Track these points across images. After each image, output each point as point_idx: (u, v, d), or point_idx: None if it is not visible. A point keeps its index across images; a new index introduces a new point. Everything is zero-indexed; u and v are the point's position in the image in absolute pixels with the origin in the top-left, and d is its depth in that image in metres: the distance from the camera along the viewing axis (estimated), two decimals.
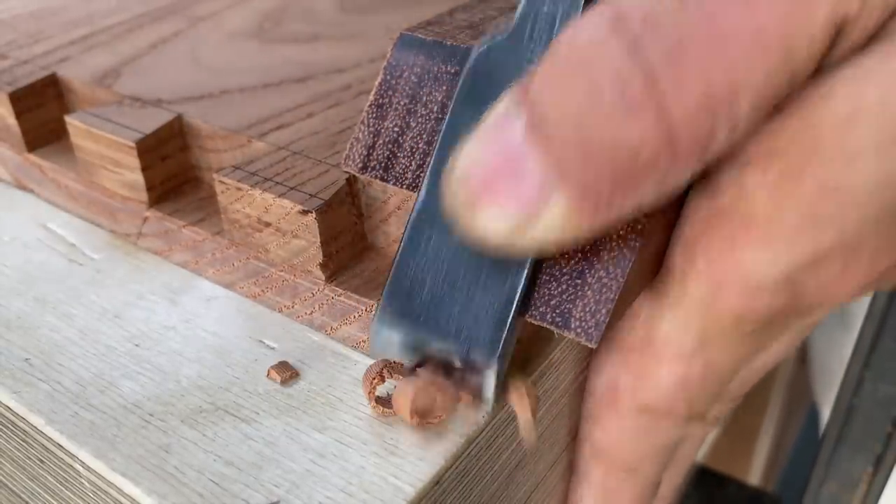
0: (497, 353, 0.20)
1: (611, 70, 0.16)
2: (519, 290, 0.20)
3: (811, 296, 0.20)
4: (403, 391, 0.20)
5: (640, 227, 0.20)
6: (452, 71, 0.22)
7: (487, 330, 0.20)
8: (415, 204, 0.21)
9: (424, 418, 0.20)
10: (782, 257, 0.19)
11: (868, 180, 0.18)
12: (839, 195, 0.18)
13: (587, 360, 0.25)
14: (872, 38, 0.17)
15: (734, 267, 0.20)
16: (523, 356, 0.23)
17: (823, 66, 0.18)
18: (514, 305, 0.20)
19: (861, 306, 0.50)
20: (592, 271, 0.20)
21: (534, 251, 0.18)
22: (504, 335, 0.20)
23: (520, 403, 0.20)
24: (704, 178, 0.20)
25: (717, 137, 0.17)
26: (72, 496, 0.23)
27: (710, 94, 0.16)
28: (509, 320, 0.20)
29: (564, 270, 0.20)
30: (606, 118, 0.16)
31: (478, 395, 0.20)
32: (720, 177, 0.19)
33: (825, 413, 0.58)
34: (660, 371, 0.22)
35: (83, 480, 0.21)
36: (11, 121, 0.31)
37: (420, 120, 0.22)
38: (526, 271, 0.20)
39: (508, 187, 0.17)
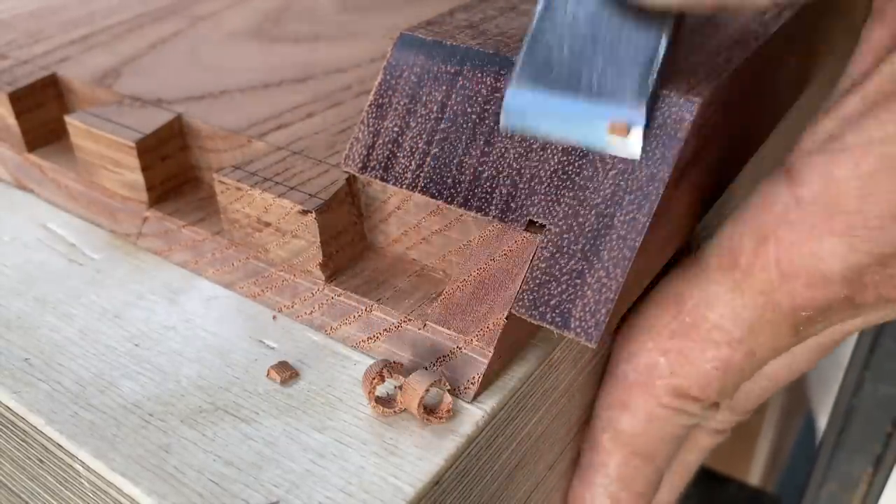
0: (645, 100, 0.20)
1: None
2: (663, 45, 0.20)
3: (870, 292, 0.20)
4: (414, 386, 0.20)
5: (640, 225, 0.20)
6: (452, 71, 0.22)
7: (633, 80, 0.20)
8: None
9: (432, 414, 0.20)
10: (859, 250, 0.19)
11: None
12: None
13: (589, 358, 0.25)
14: None
15: (808, 257, 0.20)
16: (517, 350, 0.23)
17: None
18: (660, 58, 0.20)
19: None
20: (592, 271, 0.20)
21: (674, 9, 0.19)
22: (650, 85, 0.20)
23: None
24: (785, 168, 0.21)
25: None
26: (72, 496, 0.23)
27: None
28: (654, 71, 0.20)
29: (564, 270, 0.20)
30: None
31: (624, 152, 0.20)
32: (805, 166, 0.20)
33: (822, 421, 0.59)
34: (703, 356, 0.23)
35: (83, 480, 0.21)
36: (11, 121, 0.31)
37: (420, 120, 0.22)
38: (669, 28, 0.20)
39: None
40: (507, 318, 0.21)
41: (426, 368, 0.21)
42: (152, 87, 0.31)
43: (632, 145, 0.20)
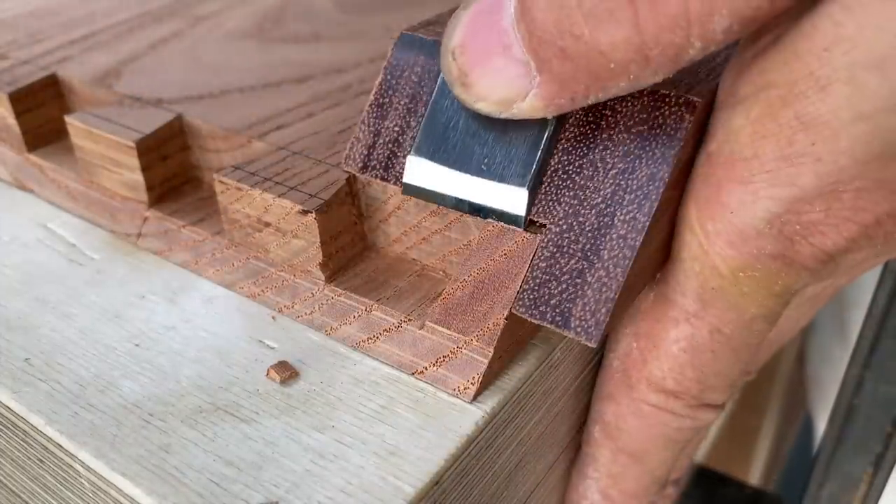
0: (526, 182, 0.20)
1: None
2: (549, 127, 0.21)
3: (800, 243, 0.20)
4: None
5: (640, 225, 0.20)
6: None
7: (519, 165, 0.21)
8: None
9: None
10: (762, 198, 0.19)
11: (839, 111, 0.18)
12: (813, 128, 0.18)
13: (589, 358, 0.25)
14: None
15: (721, 212, 0.20)
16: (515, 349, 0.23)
17: None
18: (544, 141, 0.20)
19: (859, 313, 0.50)
20: (592, 271, 0.20)
21: (526, 117, 0.20)
22: (533, 168, 0.20)
23: None
24: (707, 132, 0.20)
25: (688, 52, 0.17)
26: (71, 496, 0.23)
27: (684, 13, 0.17)
28: (538, 154, 0.20)
29: (565, 270, 0.20)
30: (585, 19, 0.17)
31: (505, 219, 0.21)
32: (713, 123, 0.20)
33: (820, 422, 0.59)
34: (667, 336, 0.22)
35: (83, 480, 0.21)
36: (11, 121, 0.31)
37: (421, 119, 0.22)
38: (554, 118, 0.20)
39: (497, 68, 0.19)
40: (507, 318, 0.21)
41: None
42: (152, 87, 0.31)
43: (517, 209, 0.21)
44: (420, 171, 0.22)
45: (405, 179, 0.22)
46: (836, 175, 0.18)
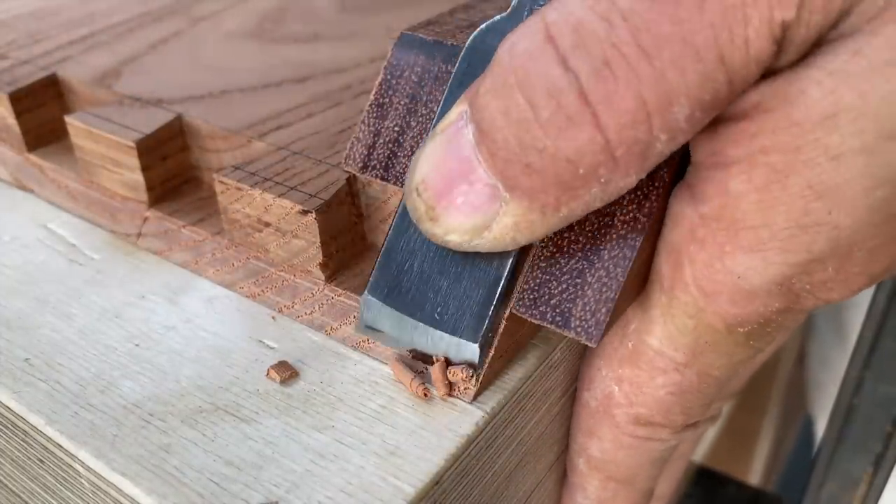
0: (478, 338, 0.20)
1: (545, 84, 0.17)
2: (503, 280, 0.20)
3: (807, 298, 0.20)
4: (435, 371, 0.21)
5: (640, 225, 0.20)
6: (453, 70, 0.22)
7: (471, 317, 0.20)
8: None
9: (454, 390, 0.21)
10: (774, 263, 0.19)
11: (856, 181, 0.17)
12: (829, 197, 0.18)
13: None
14: (828, 39, 0.17)
15: (724, 275, 0.19)
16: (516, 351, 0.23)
17: (778, 68, 0.17)
18: (498, 294, 0.20)
19: (858, 313, 0.50)
20: (592, 271, 0.20)
21: (497, 249, 0.19)
22: (486, 322, 0.20)
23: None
24: (687, 185, 0.20)
25: (655, 146, 0.17)
26: (71, 496, 0.23)
27: (642, 106, 0.16)
28: (491, 308, 0.20)
29: (564, 270, 0.20)
30: (544, 130, 0.17)
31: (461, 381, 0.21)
32: (704, 183, 0.19)
33: (820, 422, 0.59)
34: (654, 383, 0.22)
35: (83, 480, 0.21)
36: (11, 121, 0.31)
37: (421, 119, 0.22)
38: (510, 261, 0.20)
39: (463, 195, 0.18)
40: (507, 318, 0.21)
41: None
42: (152, 87, 0.31)
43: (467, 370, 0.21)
44: (375, 312, 0.22)
45: (361, 321, 0.22)
46: (852, 239, 0.18)
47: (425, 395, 0.21)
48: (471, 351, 0.21)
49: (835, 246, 0.18)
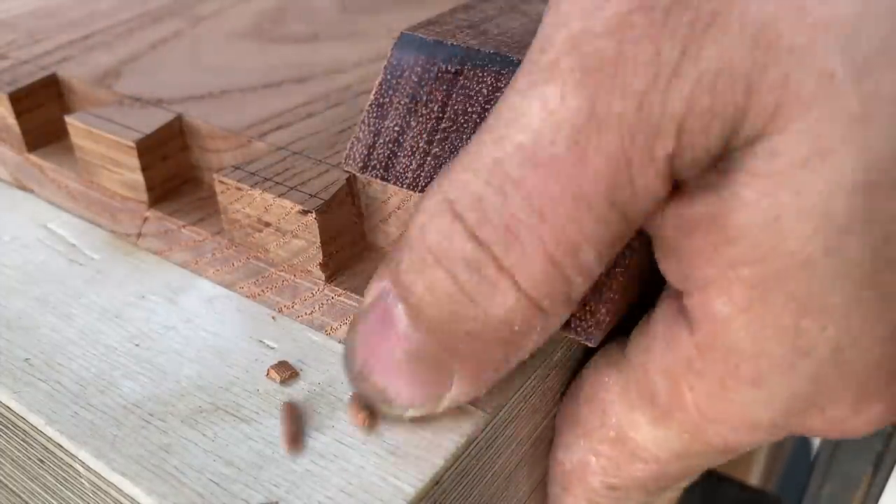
0: None
1: (462, 258, 0.17)
2: None
3: (815, 424, 0.19)
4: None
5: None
6: (453, 70, 0.22)
7: None
8: None
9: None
10: (779, 396, 0.18)
11: (835, 283, 0.16)
12: (816, 312, 0.17)
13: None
14: (737, 147, 0.16)
15: (728, 405, 0.19)
16: None
17: (685, 183, 0.17)
18: None
19: None
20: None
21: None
22: None
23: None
24: (676, 303, 0.19)
25: (574, 285, 0.18)
26: (71, 496, 0.23)
27: (551, 258, 0.17)
28: None
29: None
30: (473, 300, 0.18)
31: None
32: (691, 307, 0.18)
33: (818, 437, 0.58)
34: (632, 467, 0.22)
35: (83, 480, 0.21)
36: (11, 121, 0.31)
37: (421, 119, 0.22)
38: None
39: (410, 372, 0.19)
40: None
41: None
42: (152, 87, 0.31)
43: None
44: None
45: None
46: (857, 356, 0.17)
47: (363, 423, 0.21)
48: None
49: (838, 369, 0.17)
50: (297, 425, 0.21)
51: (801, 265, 0.16)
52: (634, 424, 0.21)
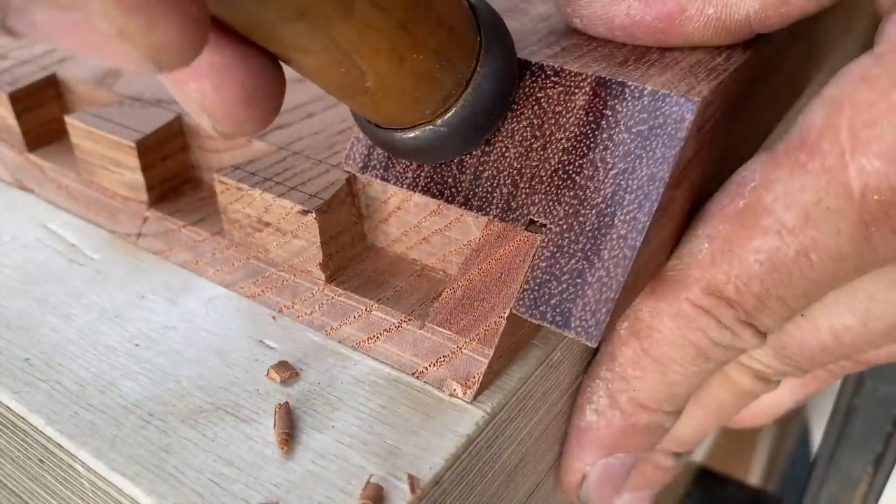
0: None
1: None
2: None
3: None
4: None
5: (640, 225, 0.20)
6: None
7: None
8: None
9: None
10: None
11: None
12: None
13: (589, 358, 0.25)
14: None
15: (888, 115, 0.18)
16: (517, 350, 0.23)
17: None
18: None
19: None
20: (593, 271, 0.20)
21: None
22: None
23: None
24: (876, 38, 0.19)
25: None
26: (72, 496, 0.23)
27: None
28: None
29: (564, 270, 0.20)
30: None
31: None
32: (886, 26, 0.19)
33: (815, 429, 0.59)
34: (749, 244, 0.21)
35: (83, 480, 0.21)
36: (11, 121, 0.31)
37: None
38: None
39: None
40: (507, 318, 0.21)
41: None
42: (152, 87, 0.31)
43: None
44: None
45: None
46: None
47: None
48: None
49: None
50: (287, 426, 0.21)
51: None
52: (770, 182, 0.20)
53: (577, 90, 0.21)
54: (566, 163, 0.21)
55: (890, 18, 0.19)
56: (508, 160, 0.21)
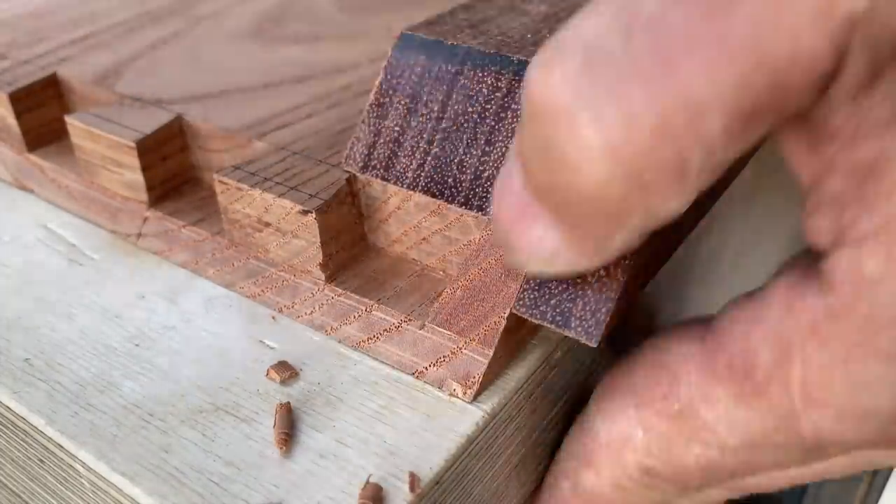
0: None
1: (553, 108, 0.15)
2: None
3: None
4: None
5: None
6: (453, 70, 0.22)
7: None
8: None
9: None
10: None
11: None
12: None
13: (589, 358, 0.25)
14: None
15: (845, 385, 0.16)
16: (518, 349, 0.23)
17: (857, 125, 0.15)
18: None
19: None
20: (593, 270, 0.20)
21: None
22: None
23: None
24: (805, 263, 0.17)
25: (692, 164, 0.15)
26: (72, 496, 0.23)
27: (664, 122, 0.14)
28: None
29: None
30: (561, 162, 0.16)
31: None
32: (830, 264, 0.16)
33: None
34: (687, 450, 0.20)
35: (83, 480, 0.21)
36: (11, 121, 0.31)
37: (421, 119, 0.22)
38: None
39: (523, 228, 0.18)
40: (507, 318, 0.21)
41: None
42: (152, 87, 0.31)
43: None
44: None
45: None
46: None
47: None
48: None
49: None
50: (286, 426, 0.21)
51: None
52: (711, 400, 0.19)
53: None
54: None
55: (837, 257, 0.16)
56: None
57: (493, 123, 0.22)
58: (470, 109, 0.22)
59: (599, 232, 0.17)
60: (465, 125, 0.22)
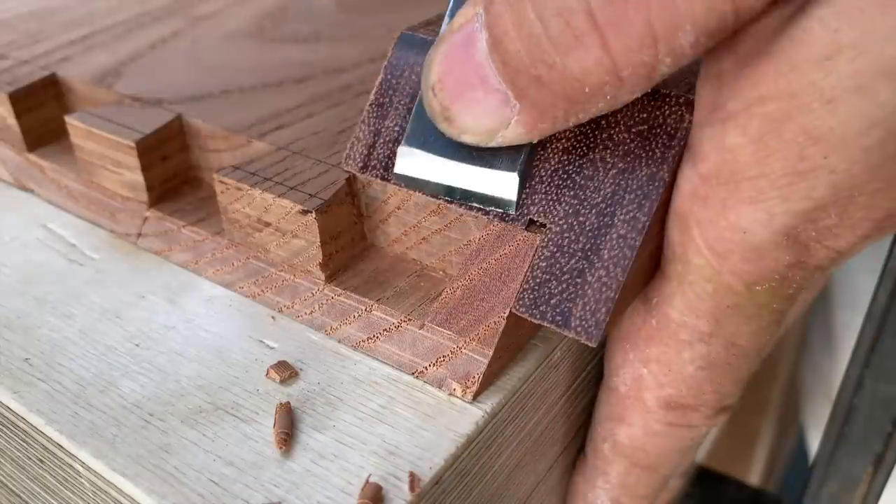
0: (517, 167, 0.21)
1: (556, 2, 0.17)
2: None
3: (816, 249, 0.20)
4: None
5: (639, 225, 0.20)
6: None
7: (509, 150, 0.21)
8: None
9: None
10: (777, 214, 0.19)
11: (850, 123, 0.17)
12: (823, 142, 0.18)
13: (589, 358, 0.25)
14: None
15: (731, 231, 0.20)
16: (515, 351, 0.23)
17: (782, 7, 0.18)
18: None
19: (847, 321, 0.50)
20: (593, 270, 0.20)
21: (512, 144, 0.20)
22: (523, 155, 0.21)
23: None
24: (687, 149, 0.20)
25: (659, 69, 0.18)
26: (72, 496, 0.23)
27: (649, 31, 0.17)
28: (528, 145, 0.21)
29: (564, 270, 0.20)
30: (554, 48, 0.17)
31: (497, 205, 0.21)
32: (701, 143, 0.19)
33: (812, 433, 0.59)
34: (681, 358, 0.22)
35: (83, 480, 0.21)
36: (11, 121, 0.31)
37: None
38: None
39: (476, 98, 0.19)
40: (507, 318, 0.21)
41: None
42: (152, 87, 0.31)
43: (508, 193, 0.21)
44: (410, 160, 0.22)
45: (396, 169, 0.22)
46: (850, 182, 0.18)
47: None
48: (510, 182, 0.21)
49: (834, 191, 0.18)
50: (286, 426, 0.21)
51: (826, 102, 0.17)
52: (668, 298, 0.21)
53: None
54: (566, 162, 0.21)
55: (705, 132, 0.19)
56: None
57: None
58: None
59: (559, 112, 0.19)
60: None
